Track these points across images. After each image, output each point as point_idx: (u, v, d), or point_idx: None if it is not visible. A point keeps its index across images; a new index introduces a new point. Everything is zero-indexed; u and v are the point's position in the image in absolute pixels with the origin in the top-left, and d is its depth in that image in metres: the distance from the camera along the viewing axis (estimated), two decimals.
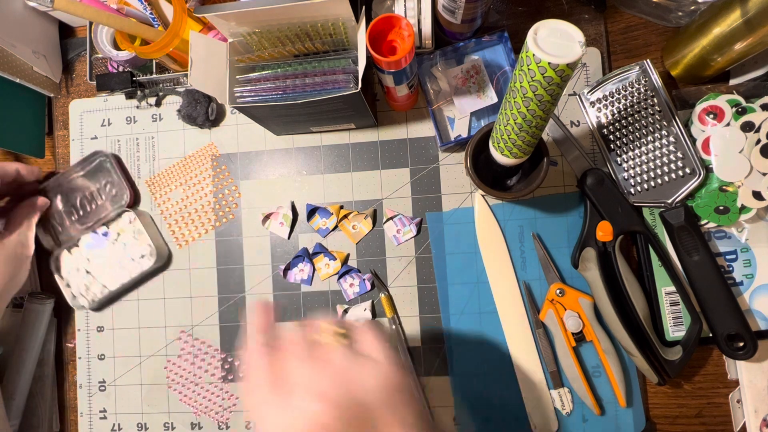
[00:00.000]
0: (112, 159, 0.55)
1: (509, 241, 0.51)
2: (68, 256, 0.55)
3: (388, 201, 0.53)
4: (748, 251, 0.47)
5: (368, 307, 0.52)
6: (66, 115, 0.59)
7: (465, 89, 0.50)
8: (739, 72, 0.48)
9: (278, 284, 0.54)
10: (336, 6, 0.39)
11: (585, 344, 0.49)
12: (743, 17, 0.41)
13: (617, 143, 0.48)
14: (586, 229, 0.48)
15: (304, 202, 0.54)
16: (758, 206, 0.44)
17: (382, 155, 0.54)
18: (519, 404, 0.50)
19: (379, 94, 0.53)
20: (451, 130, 0.51)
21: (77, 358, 0.57)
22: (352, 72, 0.44)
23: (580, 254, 0.48)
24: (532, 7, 0.52)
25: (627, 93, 0.47)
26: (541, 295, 0.50)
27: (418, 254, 0.52)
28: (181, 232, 0.56)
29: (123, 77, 0.55)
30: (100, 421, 0.56)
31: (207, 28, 0.51)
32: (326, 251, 0.53)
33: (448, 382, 0.51)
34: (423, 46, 0.49)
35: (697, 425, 0.49)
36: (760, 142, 0.43)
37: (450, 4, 0.44)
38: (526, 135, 0.37)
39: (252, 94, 0.45)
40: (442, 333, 0.52)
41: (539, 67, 0.30)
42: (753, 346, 0.43)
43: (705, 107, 0.45)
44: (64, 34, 0.60)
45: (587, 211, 0.48)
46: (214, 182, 0.56)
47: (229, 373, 0.54)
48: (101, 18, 0.46)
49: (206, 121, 0.55)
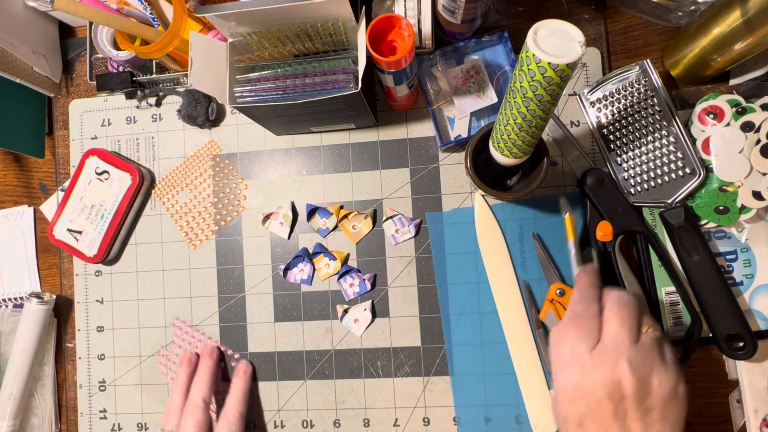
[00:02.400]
0: None
1: (509, 241, 0.51)
2: None
3: (388, 201, 0.53)
4: (748, 251, 0.47)
5: (368, 307, 0.52)
6: (66, 115, 0.59)
7: (465, 89, 0.50)
8: (739, 72, 0.48)
9: (278, 284, 0.54)
10: (336, 6, 0.39)
11: None
12: (743, 17, 0.41)
13: (617, 143, 0.48)
14: (586, 229, 0.48)
15: (304, 202, 0.54)
16: (758, 206, 0.44)
17: (382, 155, 0.54)
18: (519, 404, 0.50)
19: (379, 94, 0.54)
20: (451, 130, 0.51)
21: (77, 358, 0.57)
22: (352, 72, 0.44)
23: (580, 254, 0.48)
24: (532, 7, 0.52)
25: (627, 93, 0.47)
26: (541, 295, 0.50)
27: (417, 254, 0.52)
28: (194, 232, 0.56)
29: (123, 77, 0.55)
30: (100, 421, 0.56)
31: (207, 28, 0.51)
32: (326, 251, 0.53)
33: (448, 382, 0.51)
34: (423, 46, 0.49)
35: (697, 425, 0.49)
36: (760, 142, 0.43)
37: (450, 4, 0.44)
38: (526, 135, 0.37)
39: (252, 94, 0.45)
40: (442, 333, 0.52)
41: (539, 67, 0.30)
42: (753, 346, 0.43)
43: (705, 107, 0.45)
44: (64, 34, 0.60)
45: (587, 211, 0.48)
46: (215, 181, 0.56)
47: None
48: (101, 18, 0.46)
49: (206, 121, 0.55)
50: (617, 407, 0.34)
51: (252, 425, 0.54)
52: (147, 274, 0.56)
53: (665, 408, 0.35)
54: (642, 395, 0.34)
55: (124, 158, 0.57)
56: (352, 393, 0.52)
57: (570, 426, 0.36)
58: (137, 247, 0.57)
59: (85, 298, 0.57)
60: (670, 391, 0.35)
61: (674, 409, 0.35)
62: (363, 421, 0.52)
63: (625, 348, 0.35)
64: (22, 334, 0.55)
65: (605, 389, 0.34)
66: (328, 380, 0.53)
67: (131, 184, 0.55)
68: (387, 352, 0.52)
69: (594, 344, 0.36)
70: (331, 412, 0.53)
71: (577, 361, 0.36)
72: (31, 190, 0.61)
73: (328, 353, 0.53)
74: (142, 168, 0.56)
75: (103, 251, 0.55)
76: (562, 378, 0.37)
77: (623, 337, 0.36)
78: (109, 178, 0.55)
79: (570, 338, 0.37)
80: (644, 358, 0.35)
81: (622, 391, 0.34)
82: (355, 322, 0.53)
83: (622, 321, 0.36)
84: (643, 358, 0.35)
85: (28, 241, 0.60)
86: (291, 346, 0.54)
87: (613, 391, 0.34)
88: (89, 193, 0.56)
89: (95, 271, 0.57)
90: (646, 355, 0.35)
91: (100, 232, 0.55)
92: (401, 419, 0.52)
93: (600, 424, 0.35)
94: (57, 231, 0.56)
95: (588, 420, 0.35)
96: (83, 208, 0.56)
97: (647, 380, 0.35)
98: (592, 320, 0.37)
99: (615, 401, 0.34)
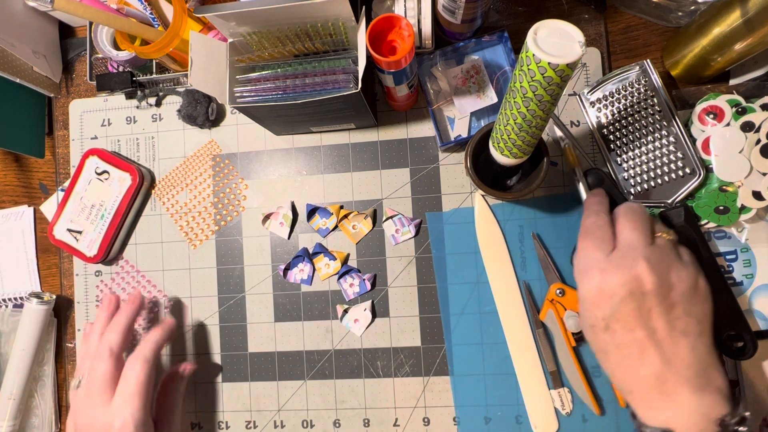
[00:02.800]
0: None
1: (509, 241, 0.51)
2: None
3: (388, 201, 0.53)
4: (748, 251, 0.47)
5: (368, 307, 0.52)
6: (66, 115, 0.59)
7: (465, 89, 0.50)
8: (739, 72, 0.48)
9: (278, 284, 0.54)
10: (336, 6, 0.39)
11: (585, 344, 0.49)
12: (743, 17, 0.41)
13: (617, 143, 0.48)
14: None
15: (304, 202, 0.54)
16: (758, 206, 0.44)
17: (382, 155, 0.54)
18: (519, 404, 0.50)
19: (379, 94, 0.54)
20: (451, 130, 0.51)
21: (77, 358, 0.57)
22: (352, 72, 0.44)
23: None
24: (532, 7, 0.52)
25: (627, 93, 0.47)
26: (541, 295, 0.50)
27: (417, 254, 0.52)
28: (194, 232, 0.56)
29: (123, 77, 0.55)
30: None
31: (207, 28, 0.51)
32: (326, 251, 0.53)
33: (448, 382, 0.51)
34: (423, 46, 0.49)
35: None
36: (760, 142, 0.43)
37: (450, 4, 0.44)
38: (526, 135, 0.37)
39: (252, 94, 0.45)
40: (442, 333, 0.52)
41: (539, 67, 0.30)
42: (753, 346, 0.43)
43: (705, 107, 0.45)
44: (64, 34, 0.60)
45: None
46: (215, 181, 0.56)
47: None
48: (101, 18, 0.46)
49: (206, 121, 0.55)
50: (640, 305, 0.35)
51: (252, 425, 0.54)
52: (147, 274, 0.56)
53: (688, 303, 0.35)
54: (663, 291, 0.35)
55: (124, 158, 0.57)
56: (352, 393, 0.52)
57: (597, 331, 0.37)
58: (137, 247, 0.57)
59: (85, 298, 0.57)
60: (691, 286, 0.36)
61: (698, 304, 0.36)
62: (363, 421, 0.52)
63: (641, 249, 0.36)
64: (22, 334, 0.55)
65: (626, 287, 0.35)
66: (328, 380, 0.53)
67: (131, 184, 0.55)
68: (387, 352, 0.52)
69: (610, 250, 0.37)
70: (331, 412, 0.53)
71: (596, 266, 0.37)
72: (31, 190, 0.61)
73: (328, 353, 0.53)
74: (142, 168, 0.56)
75: (103, 251, 0.55)
76: (583, 286, 0.37)
77: (638, 239, 0.36)
78: (109, 178, 0.55)
79: (586, 249, 0.38)
80: (661, 256, 0.36)
81: (643, 288, 0.35)
82: (355, 322, 0.53)
83: (634, 225, 0.37)
84: (660, 257, 0.36)
85: (28, 241, 0.60)
86: (291, 346, 0.54)
87: (635, 289, 0.35)
88: (89, 193, 0.56)
89: (95, 271, 0.57)
90: (663, 254, 0.36)
91: (100, 232, 0.55)
92: (401, 419, 0.52)
93: (625, 324, 0.35)
94: (57, 231, 0.56)
95: (613, 322, 0.36)
96: (83, 208, 0.56)
97: (666, 276, 0.35)
98: (604, 228, 0.38)
99: (637, 298, 0.35)
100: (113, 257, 0.57)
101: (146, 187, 0.56)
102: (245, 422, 0.54)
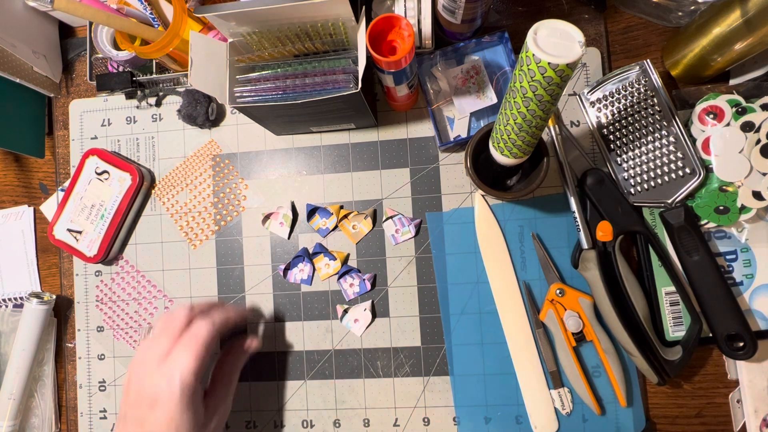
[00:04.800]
0: None
1: (509, 241, 0.51)
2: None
3: (388, 201, 0.53)
4: (748, 251, 0.47)
5: (368, 307, 0.52)
6: (66, 115, 0.59)
7: (465, 89, 0.50)
8: (739, 72, 0.48)
9: (278, 284, 0.54)
10: (336, 6, 0.39)
11: (585, 344, 0.49)
12: (743, 17, 0.41)
13: (617, 143, 0.48)
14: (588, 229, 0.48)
15: (304, 202, 0.54)
16: (758, 206, 0.44)
17: (382, 155, 0.54)
18: (519, 404, 0.50)
19: (379, 94, 0.54)
20: (450, 130, 0.51)
21: (77, 358, 0.57)
22: (352, 72, 0.44)
23: (580, 254, 0.48)
24: (532, 7, 0.52)
25: (627, 93, 0.47)
26: (541, 295, 0.50)
27: (417, 254, 0.52)
28: (194, 232, 0.56)
29: (123, 77, 0.55)
30: (100, 421, 0.56)
31: (207, 28, 0.51)
32: (326, 251, 0.53)
33: (448, 382, 0.51)
34: (423, 46, 0.49)
35: (697, 425, 0.49)
36: (760, 142, 0.43)
37: (450, 4, 0.44)
38: (526, 135, 0.37)
39: (252, 94, 0.45)
40: (442, 333, 0.52)
41: (539, 67, 0.30)
42: (753, 346, 0.43)
43: (705, 107, 0.45)
44: (64, 34, 0.60)
45: (587, 211, 0.48)
46: (215, 181, 0.56)
47: None
48: (101, 18, 0.46)
49: (206, 121, 0.55)
50: None
51: (252, 425, 0.54)
52: (147, 274, 0.56)
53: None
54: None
55: (124, 158, 0.57)
56: (352, 393, 0.52)
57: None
58: (137, 247, 0.57)
59: (84, 298, 0.57)
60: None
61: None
62: (363, 421, 0.52)
63: None
64: (22, 334, 0.55)
65: None
66: (328, 380, 0.53)
67: (131, 184, 0.55)
68: (387, 352, 0.52)
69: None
70: (331, 412, 0.53)
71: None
72: (31, 190, 0.61)
73: (328, 353, 0.53)
74: (142, 168, 0.56)
75: (103, 251, 0.55)
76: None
77: None
78: (109, 178, 0.55)
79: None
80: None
81: None
82: (355, 322, 0.53)
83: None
84: None
85: (28, 241, 0.60)
86: (291, 346, 0.54)
87: None
88: (89, 193, 0.56)
89: (95, 271, 0.57)
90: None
91: (100, 232, 0.55)
92: (401, 419, 0.52)
93: None
94: (57, 231, 0.56)
95: None
96: (83, 208, 0.56)
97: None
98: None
99: None
100: (113, 257, 0.57)
101: (146, 187, 0.56)
102: (245, 422, 0.54)
